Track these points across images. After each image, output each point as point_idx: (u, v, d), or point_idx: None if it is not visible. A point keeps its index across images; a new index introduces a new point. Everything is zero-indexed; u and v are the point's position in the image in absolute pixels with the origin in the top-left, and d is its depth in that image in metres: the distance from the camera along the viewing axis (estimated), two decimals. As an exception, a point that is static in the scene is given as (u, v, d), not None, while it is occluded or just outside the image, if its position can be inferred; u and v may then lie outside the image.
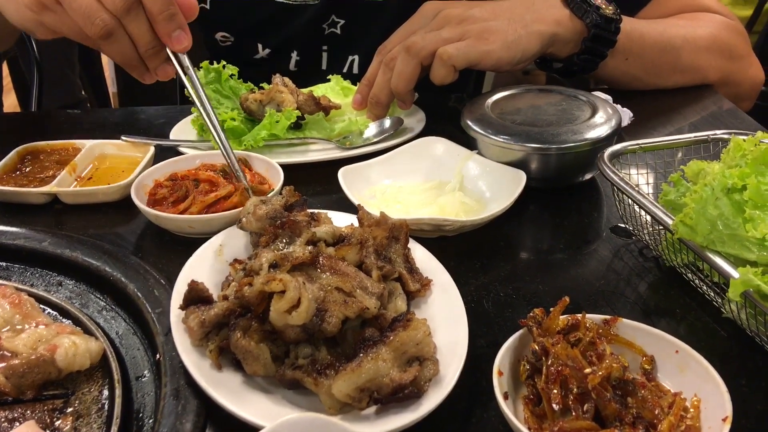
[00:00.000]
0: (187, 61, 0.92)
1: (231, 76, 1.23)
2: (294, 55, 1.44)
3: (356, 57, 1.44)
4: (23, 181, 1.03)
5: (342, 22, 1.39)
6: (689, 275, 0.84)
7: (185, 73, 0.92)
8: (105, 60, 3.46)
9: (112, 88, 3.40)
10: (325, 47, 1.44)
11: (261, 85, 1.24)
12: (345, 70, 1.45)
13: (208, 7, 1.40)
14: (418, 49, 1.10)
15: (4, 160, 1.05)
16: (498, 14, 1.14)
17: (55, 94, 2.91)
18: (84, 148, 1.09)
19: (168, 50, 0.90)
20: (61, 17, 0.88)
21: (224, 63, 1.22)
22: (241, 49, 1.45)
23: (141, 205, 0.92)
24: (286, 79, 1.23)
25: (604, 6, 1.16)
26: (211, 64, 1.21)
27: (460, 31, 1.11)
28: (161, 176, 1.00)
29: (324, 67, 1.46)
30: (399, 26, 1.19)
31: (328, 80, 1.30)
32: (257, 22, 1.40)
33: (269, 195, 0.93)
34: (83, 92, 3.13)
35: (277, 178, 0.98)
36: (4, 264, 0.87)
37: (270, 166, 1.02)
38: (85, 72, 3.19)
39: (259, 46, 1.44)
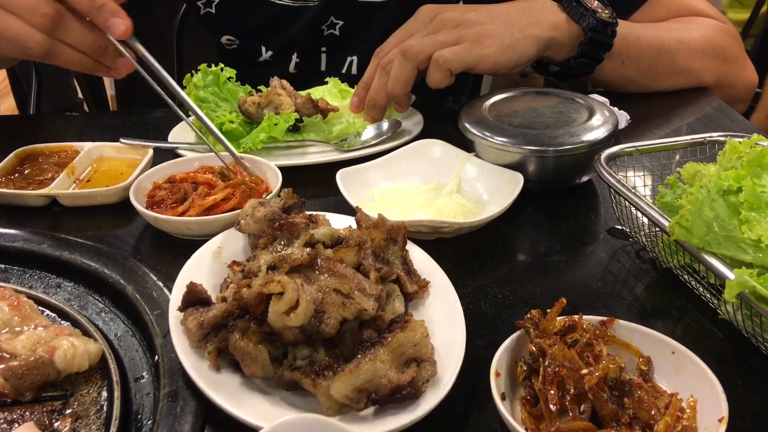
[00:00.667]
0: (142, 50, 0.93)
1: (229, 78, 1.23)
2: (294, 57, 1.45)
3: (355, 58, 1.45)
4: (22, 184, 1.03)
5: (341, 23, 1.40)
6: (686, 277, 0.84)
7: (142, 63, 0.93)
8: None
9: (110, 90, 3.40)
10: (324, 48, 1.44)
11: (259, 87, 1.25)
12: (344, 71, 1.46)
13: (213, 11, 1.41)
14: (414, 53, 1.10)
15: (2, 163, 1.05)
16: (494, 18, 1.14)
17: (51, 97, 2.91)
18: (83, 151, 1.09)
19: (118, 44, 0.92)
20: (4, 45, 0.90)
21: (222, 65, 1.22)
22: (245, 51, 1.46)
23: (140, 207, 0.92)
24: (284, 82, 1.23)
25: (600, 10, 1.17)
26: (216, 65, 1.22)
27: (457, 35, 1.11)
28: (159, 178, 1.00)
29: (323, 68, 1.46)
30: (397, 27, 1.20)
31: (326, 83, 1.31)
32: (259, 25, 1.42)
33: (268, 197, 0.94)
34: (80, 95, 3.13)
35: (275, 181, 0.98)
36: (3, 266, 0.87)
37: (268, 168, 1.02)
38: (83, 75, 3.18)
39: (263, 48, 1.45)
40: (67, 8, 0.89)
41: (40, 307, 0.77)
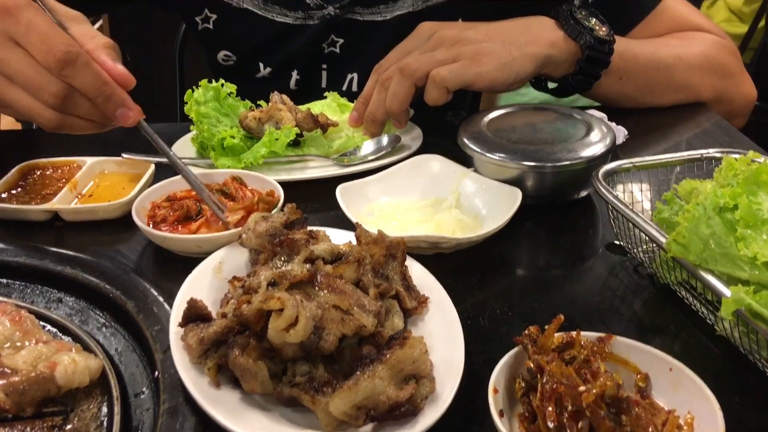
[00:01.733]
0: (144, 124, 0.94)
1: (229, 94, 1.24)
2: (294, 74, 1.45)
3: (355, 75, 1.45)
4: (24, 199, 1.04)
5: (341, 41, 1.41)
6: (683, 293, 0.85)
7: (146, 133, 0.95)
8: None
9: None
10: (324, 66, 1.45)
11: (259, 102, 1.26)
12: (344, 88, 1.46)
13: (212, 27, 1.42)
14: (412, 71, 1.11)
15: (5, 178, 1.06)
16: (492, 36, 1.15)
17: None
18: (85, 166, 1.10)
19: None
20: (16, 115, 0.93)
21: (223, 81, 1.23)
22: (243, 68, 1.47)
23: (145, 227, 0.92)
24: (285, 97, 1.24)
25: (597, 27, 1.18)
26: (210, 82, 1.23)
27: (455, 52, 1.12)
28: (158, 197, 1.00)
29: (323, 85, 1.47)
30: (397, 44, 1.21)
31: (325, 97, 1.32)
32: (259, 42, 1.42)
33: (272, 212, 0.94)
34: None
35: (278, 194, 0.99)
36: (4, 281, 0.88)
37: (266, 184, 1.03)
38: None
39: (261, 65, 1.45)
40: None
41: (41, 322, 0.78)
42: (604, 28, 1.18)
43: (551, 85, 1.30)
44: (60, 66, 0.82)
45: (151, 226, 0.95)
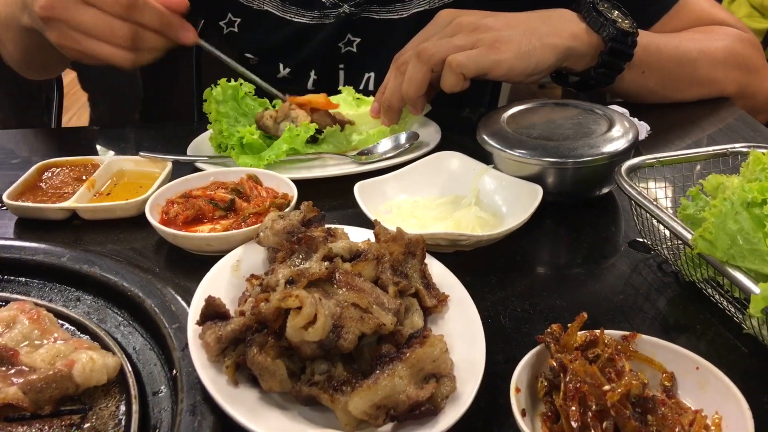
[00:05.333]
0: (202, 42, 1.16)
1: (247, 93, 1.24)
2: (312, 74, 1.45)
3: (372, 74, 1.45)
4: (43, 197, 1.04)
5: (358, 40, 1.40)
6: (709, 290, 0.83)
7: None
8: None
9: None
10: (342, 66, 1.45)
11: (274, 102, 1.25)
12: (361, 87, 1.46)
13: (236, 30, 1.43)
14: (428, 56, 1.10)
15: (24, 176, 1.06)
16: (513, 25, 1.13)
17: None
18: (102, 164, 1.10)
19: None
20: (99, 63, 1.10)
21: (241, 81, 1.23)
22: (264, 69, 1.47)
23: (156, 224, 0.92)
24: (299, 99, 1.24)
25: (620, 20, 1.16)
26: (236, 80, 1.23)
27: (473, 39, 1.10)
28: (173, 195, 1.00)
29: (341, 84, 1.47)
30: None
31: (340, 92, 1.31)
32: (279, 43, 1.42)
33: (286, 210, 0.94)
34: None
35: (291, 194, 0.98)
36: (23, 279, 0.88)
37: (281, 182, 1.02)
38: (103, 92, 3.25)
39: (281, 65, 1.45)
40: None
41: (59, 321, 0.78)
42: (627, 21, 1.16)
43: (572, 79, 1.28)
44: (125, 10, 1.02)
45: (165, 223, 0.95)
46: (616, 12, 1.17)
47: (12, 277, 0.88)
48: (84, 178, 1.08)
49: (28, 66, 1.41)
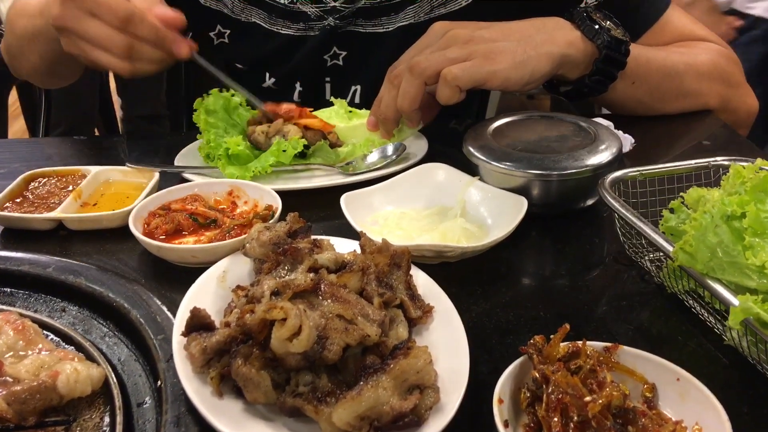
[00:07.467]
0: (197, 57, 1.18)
1: (240, 105, 1.25)
2: (297, 86, 1.46)
3: (358, 87, 1.45)
4: (29, 207, 1.04)
5: (344, 53, 1.41)
6: (691, 302, 0.84)
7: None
8: (113, 86, 3.50)
9: (119, 113, 3.44)
10: (327, 78, 1.45)
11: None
12: (348, 100, 1.46)
13: (227, 41, 1.43)
14: (421, 70, 1.10)
15: (10, 186, 1.06)
16: (507, 35, 1.14)
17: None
18: (89, 174, 1.10)
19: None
20: (99, 68, 1.17)
21: (233, 92, 1.23)
22: (250, 77, 1.47)
23: (141, 237, 0.92)
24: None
25: (613, 28, 1.17)
26: (227, 90, 1.23)
27: (467, 51, 1.11)
28: (155, 207, 1.01)
29: (327, 97, 1.47)
30: (400, 56, 1.20)
31: (332, 104, 1.31)
32: (266, 54, 1.43)
33: (271, 221, 0.94)
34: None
35: (275, 205, 0.99)
36: (8, 290, 0.88)
37: (265, 193, 1.03)
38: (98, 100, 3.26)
39: (266, 74, 1.46)
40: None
41: (44, 331, 0.78)
42: (619, 29, 1.18)
43: (564, 88, 1.29)
44: (123, 24, 1.07)
45: (147, 235, 0.95)
46: (609, 21, 1.18)
47: (-3, 288, 0.88)
48: (71, 188, 1.08)
49: (50, 75, 1.48)
